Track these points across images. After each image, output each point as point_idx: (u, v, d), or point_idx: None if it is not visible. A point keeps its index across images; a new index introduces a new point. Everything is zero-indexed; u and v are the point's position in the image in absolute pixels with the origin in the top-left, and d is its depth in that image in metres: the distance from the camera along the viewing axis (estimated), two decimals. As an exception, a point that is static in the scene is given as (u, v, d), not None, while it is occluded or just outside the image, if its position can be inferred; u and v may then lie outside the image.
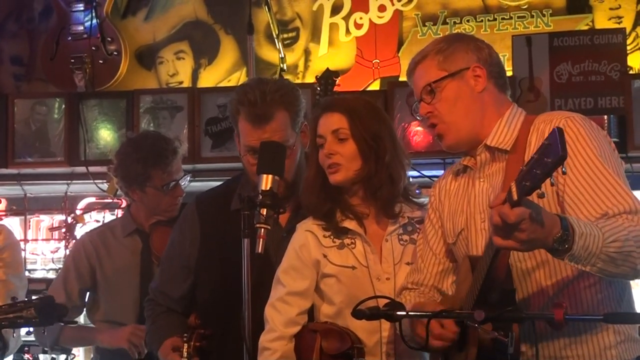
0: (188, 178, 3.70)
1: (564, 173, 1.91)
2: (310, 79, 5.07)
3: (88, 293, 3.74)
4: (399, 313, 2.28)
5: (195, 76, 5.41)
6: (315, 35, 5.27)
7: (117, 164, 3.67)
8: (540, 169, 1.91)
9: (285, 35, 5.23)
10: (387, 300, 2.34)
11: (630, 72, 4.62)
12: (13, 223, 5.40)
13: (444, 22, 5.05)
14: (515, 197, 1.96)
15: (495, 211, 2.00)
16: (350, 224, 2.73)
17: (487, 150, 2.44)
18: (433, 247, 2.61)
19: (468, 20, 5.01)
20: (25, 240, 5.38)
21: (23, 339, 3.56)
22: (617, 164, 2.34)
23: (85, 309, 3.77)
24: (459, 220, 2.50)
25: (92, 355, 3.95)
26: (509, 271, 2.28)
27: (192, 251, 3.03)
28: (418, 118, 2.54)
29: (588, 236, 2.07)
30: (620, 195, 2.24)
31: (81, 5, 5.21)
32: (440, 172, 2.74)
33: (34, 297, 2.94)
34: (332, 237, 2.73)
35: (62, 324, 3.23)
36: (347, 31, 5.18)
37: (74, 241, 5.07)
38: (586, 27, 4.87)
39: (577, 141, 2.30)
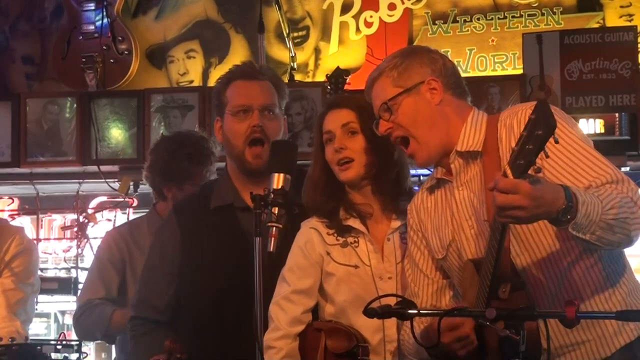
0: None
1: (556, 142, 1.96)
2: (320, 77, 5.08)
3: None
4: (410, 311, 2.28)
5: (205, 75, 5.42)
6: (325, 34, 5.27)
7: (155, 159, 3.60)
8: (533, 144, 1.94)
9: (295, 34, 5.24)
10: (391, 300, 2.33)
11: (641, 69, 4.61)
12: (25, 222, 5.44)
13: (454, 21, 5.05)
14: (511, 177, 1.99)
15: (496, 191, 2.01)
16: (353, 223, 2.71)
17: (459, 156, 2.44)
18: (423, 268, 2.59)
19: (478, 19, 5.00)
20: (38, 239, 5.41)
21: (36, 337, 3.56)
22: (591, 143, 2.35)
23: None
24: (446, 233, 2.49)
25: (103, 355, 3.95)
26: (513, 265, 2.29)
27: (174, 257, 2.98)
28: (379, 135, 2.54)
29: (589, 204, 2.10)
30: (600, 167, 2.26)
31: (92, 4, 5.24)
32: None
33: (14, 343, 2.87)
34: (335, 235, 2.71)
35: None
36: (357, 30, 5.19)
37: (85, 240, 5.11)
38: (597, 25, 4.86)
39: None
